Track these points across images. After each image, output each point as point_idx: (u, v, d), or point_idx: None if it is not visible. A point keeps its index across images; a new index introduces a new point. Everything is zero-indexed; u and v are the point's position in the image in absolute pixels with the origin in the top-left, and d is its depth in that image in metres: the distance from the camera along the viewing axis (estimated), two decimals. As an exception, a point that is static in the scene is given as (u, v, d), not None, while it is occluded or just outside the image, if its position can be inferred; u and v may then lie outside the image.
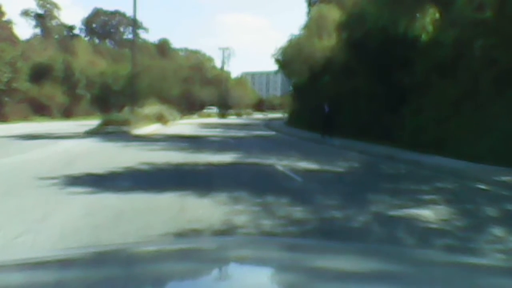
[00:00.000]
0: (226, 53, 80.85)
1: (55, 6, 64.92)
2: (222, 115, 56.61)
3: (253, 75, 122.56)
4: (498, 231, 5.02)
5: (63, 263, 1.20)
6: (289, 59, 28.70)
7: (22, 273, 1.08)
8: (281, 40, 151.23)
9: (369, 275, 1.10)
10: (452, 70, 13.22)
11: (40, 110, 40.96)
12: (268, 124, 37.88)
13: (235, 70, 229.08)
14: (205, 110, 55.63)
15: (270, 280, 1.10)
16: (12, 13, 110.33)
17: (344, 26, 20.02)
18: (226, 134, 22.45)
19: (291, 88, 40.08)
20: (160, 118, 29.64)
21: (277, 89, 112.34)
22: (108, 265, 1.17)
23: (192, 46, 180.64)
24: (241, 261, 1.27)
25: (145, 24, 79.36)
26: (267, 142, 18.84)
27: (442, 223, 5.31)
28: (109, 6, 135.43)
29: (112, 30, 76.01)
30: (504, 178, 8.64)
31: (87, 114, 44.47)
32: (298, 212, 5.56)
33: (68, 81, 45.39)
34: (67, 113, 44.34)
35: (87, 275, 1.06)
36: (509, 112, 10.55)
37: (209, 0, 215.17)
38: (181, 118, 40.50)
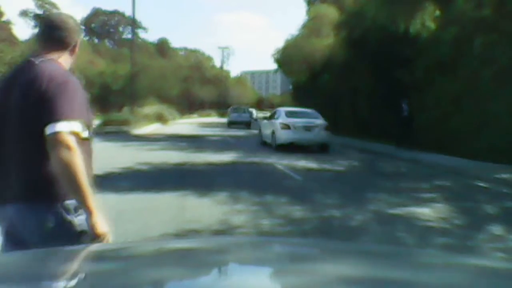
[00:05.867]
0: (226, 52, 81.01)
1: (54, 6, 64.76)
2: (222, 114, 56.66)
3: (252, 74, 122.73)
4: (497, 229, 5.03)
5: (63, 263, 1.19)
6: (288, 58, 28.67)
7: (22, 273, 1.07)
8: (280, 39, 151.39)
9: (369, 275, 1.10)
10: (452, 67, 13.21)
11: (39, 110, 40.89)
12: (268, 123, 37.79)
13: (234, 69, 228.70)
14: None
15: (269, 280, 1.09)
16: (11, 14, 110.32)
17: (343, 25, 20.01)
18: (225, 133, 22.46)
19: (290, 87, 40.08)
20: (159, 118, 29.65)
21: (277, 88, 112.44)
22: (107, 265, 1.17)
23: (191, 45, 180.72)
24: (240, 261, 1.27)
25: (144, 24, 79.21)
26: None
27: (441, 221, 5.32)
28: (108, 6, 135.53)
29: (111, 30, 75.96)
30: (504, 176, 8.64)
31: (86, 114, 44.42)
32: (297, 211, 5.57)
33: (68, 81, 45.29)
34: (66, 113, 44.23)
35: (86, 275, 1.06)
36: (509, 109, 10.55)
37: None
38: (180, 117, 40.51)
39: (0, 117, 1.70)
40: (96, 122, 25.02)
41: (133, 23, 31.84)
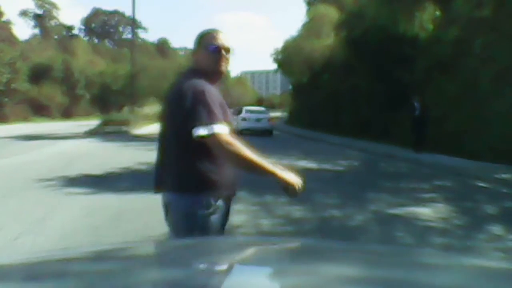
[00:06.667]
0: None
1: (54, 6, 64.90)
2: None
3: (252, 74, 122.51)
4: (497, 229, 5.02)
5: (63, 263, 1.19)
6: (288, 58, 28.69)
7: (22, 273, 1.08)
8: (280, 39, 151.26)
9: (369, 275, 1.10)
10: (452, 67, 13.21)
11: (39, 110, 40.96)
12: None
13: (234, 69, 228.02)
14: None
15: (269, 280, 1.09)
16: (10, 14, 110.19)
17: (343, 25, 20.03)
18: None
19: (290, 87, 40.08)
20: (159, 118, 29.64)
21: (277, 88, 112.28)
22: (108, 265, 1.17)
23: (191, 45, 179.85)
24: (240, 261, 1.27)
25: (144, 24, 79.29)
26: (267, 140, 18.83)
27: (441, 221, 5.32)
28: (108, 6, 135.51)
29: (111, 30, 75.97)
30: (504, 176, 8.64)
31: (86, 114, 44.47)
32: (297, 211, 5.57)
33: (68, 81, 45.38)
34: (66, 113, 44.34)
35: (86, 275, 1.06)
36: (509, 109, 10.54)
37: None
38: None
39: (163, 123, 2.14)
40: (96, 122, 24.99)
41: (133, 23, 31.85)
